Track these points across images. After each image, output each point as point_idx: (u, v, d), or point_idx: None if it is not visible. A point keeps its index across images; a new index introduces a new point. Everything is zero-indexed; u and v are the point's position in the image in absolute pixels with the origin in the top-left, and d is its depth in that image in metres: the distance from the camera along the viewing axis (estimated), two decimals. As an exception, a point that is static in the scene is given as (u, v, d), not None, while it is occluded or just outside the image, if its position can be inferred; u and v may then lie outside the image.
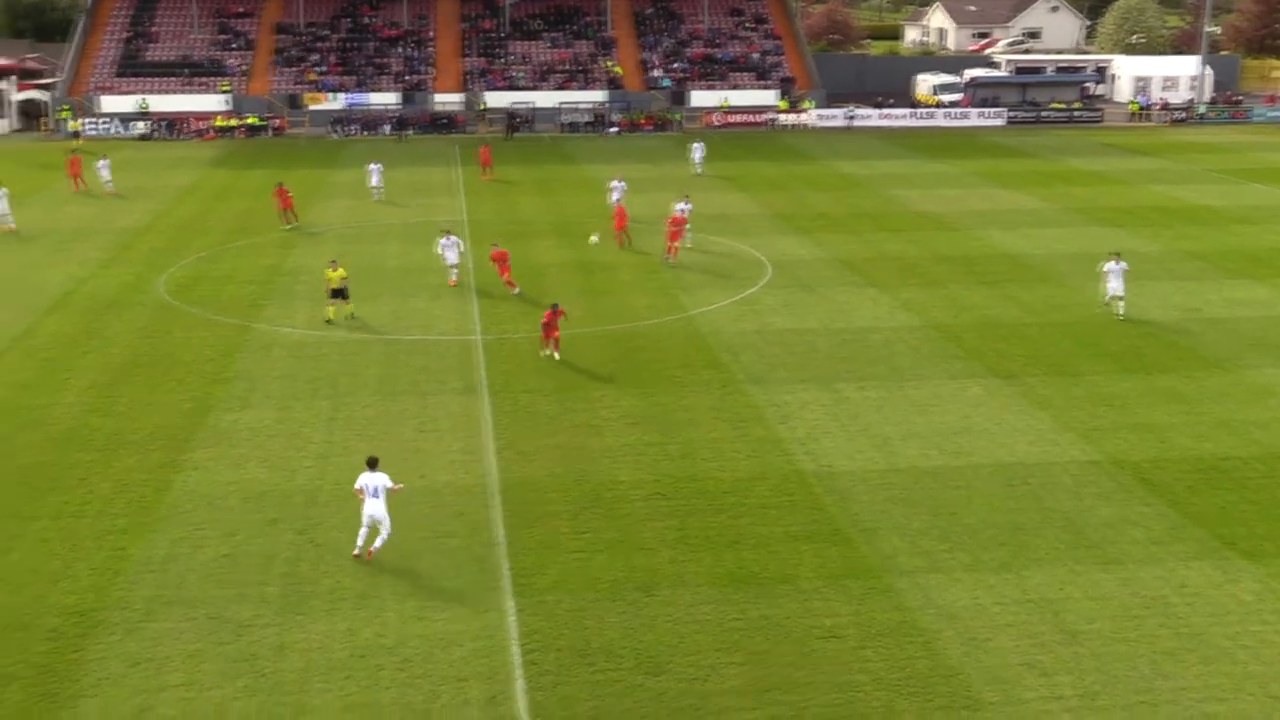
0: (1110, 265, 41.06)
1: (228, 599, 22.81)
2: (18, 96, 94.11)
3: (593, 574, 23.75)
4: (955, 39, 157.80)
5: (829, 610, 22.42)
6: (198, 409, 32.71)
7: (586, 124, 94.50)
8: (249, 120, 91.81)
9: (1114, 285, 40.84)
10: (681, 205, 50.98)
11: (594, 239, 37.93)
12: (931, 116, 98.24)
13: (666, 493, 27.40)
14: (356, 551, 24.19)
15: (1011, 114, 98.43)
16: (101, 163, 66.21)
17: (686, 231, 49.95)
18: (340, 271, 40.36)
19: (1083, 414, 32.30)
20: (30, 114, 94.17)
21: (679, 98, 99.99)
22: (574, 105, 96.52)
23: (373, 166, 64.82)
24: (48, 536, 25.36)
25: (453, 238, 45.31)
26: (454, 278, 44.98)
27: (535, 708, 19.51)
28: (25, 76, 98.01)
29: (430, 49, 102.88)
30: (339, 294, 40.18)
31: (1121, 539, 25.23)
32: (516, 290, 43.57)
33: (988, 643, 21.33)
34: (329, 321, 40.02)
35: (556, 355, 36.25)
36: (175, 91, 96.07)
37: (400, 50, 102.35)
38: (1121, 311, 40.77)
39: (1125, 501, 27.02)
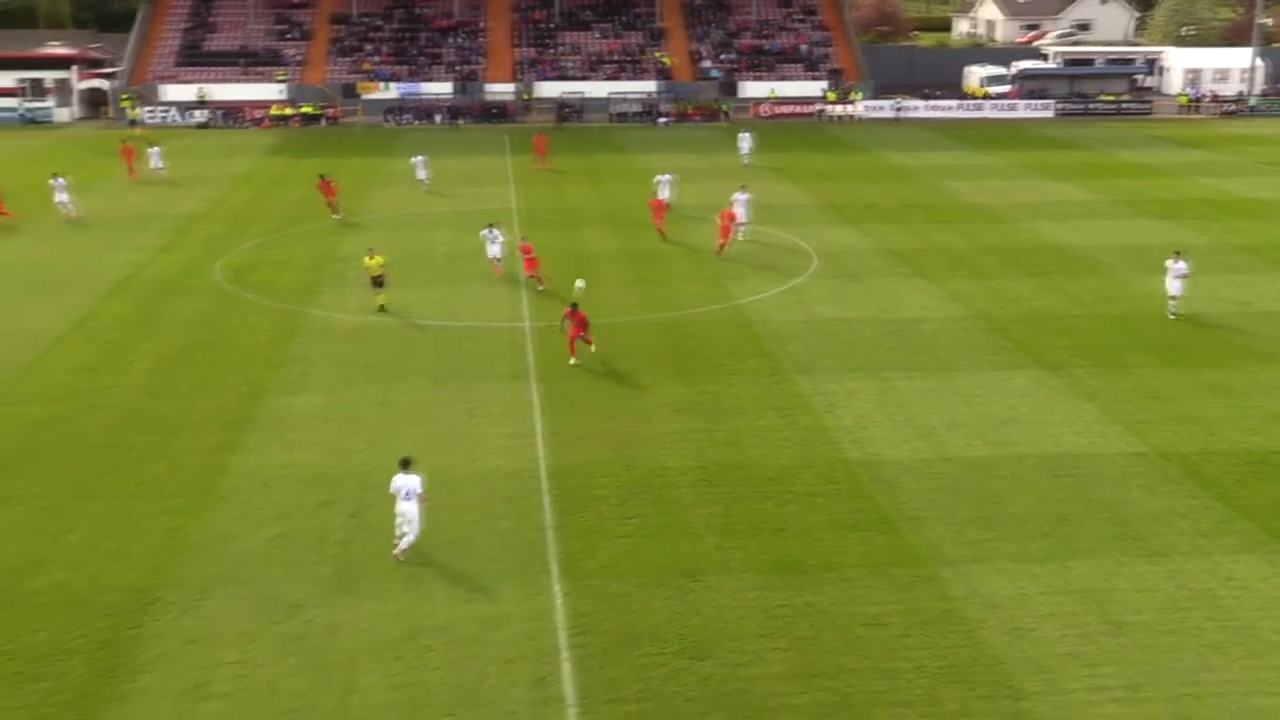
0: (1170, 264, 39.92)
1: (281, 579, 23.23)
2: (81, 85, 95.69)
3: (640, 559, 23.99)
4: (1004, 31, 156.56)
5: (873, 598, 22.55)
6: (253, 393, 33.25)
7: (636, 114, 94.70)
8: (304, 109, 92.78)
9: (1173, 286, 39.67)
10: (739, 195, 50.90)
11: (579, 286, 36.10)
12: (979, 108, 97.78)
13: (713, 479, 27.60)
14: (396, 553, 24.06)
15: (1060, 106, 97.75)
16: (153, 150, 67.53)
17: (739, 228, 49.78)
18: (379, 259, 40.63)
19: (1129, 406, 32.19)
20: (94, 102, 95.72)
21: (728, 88, 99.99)
22: (624, 95, 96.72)
23: (417, 159, 65.16)
24: (107, 516, 25.93)
25: (495, 231, 45.13)
26: (499, 268, 45.01)
27: (582, 690, 19.76)
28: (89, 66, 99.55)
29: (482, 39, 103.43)
30: (378, 282, 40.40)
31: (1168, 531, 25.17)
32: (542, 285, 43.23)
33: (1031, 633, 21.37)
34: (381, 308, 40.46)
35: (592, 348, 35.49)
36: (233, 81, 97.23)
37: (453, 41, 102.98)
38: (1174, 311, 39.82)
39: (1172, 494, 26.94)
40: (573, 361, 34.99)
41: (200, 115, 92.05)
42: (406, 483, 23.81)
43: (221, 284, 44.81)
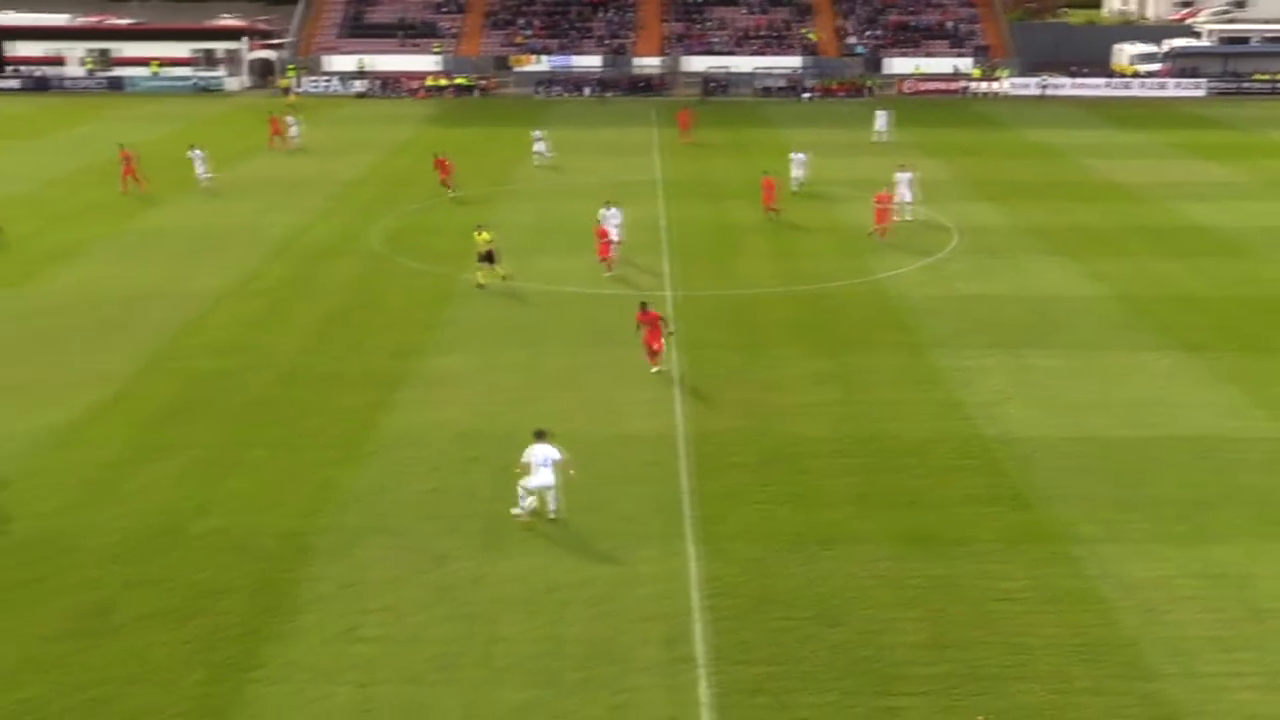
0: None
1: (430, 531, 24.12)
2: (251, 56, 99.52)
3: (774, 525, 24.38)
4: (1157, 8, 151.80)
5: (1006, 573, 22.61)
6: (405, 353, 34.35)
7: (780, 89, 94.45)
8: (458, 80, 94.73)
9: None
10: (900, 174, 50.38)
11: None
12: (1127, 86, 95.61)
13: (848, 451, 27.86)
14: (551, 515, 24.48)
15: (1212, 85, 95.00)
16: (290, 119, 70.37)
17: (902, 208, 49.22)
18: (486, 235, 40.64)
19: (1275, 390, 31.52)
20: (263, 72, 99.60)
21: (873, 64, 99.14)
22: (769, 71, 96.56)
23: (537, 133, 65.56)
24: (265, 465, 27.20)
25: (614, 209, 44.15)
26: (612, 254, 42.50)
27: (713, 650, 20.21)
28: (258, 37, 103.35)
29: (632, 14, 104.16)
30: (487, 258, 40.45)
31: (1313, 518, 24.72)
32: (611, 270, 41.96)
33: (1167, 615, 21.21)
34: (480, 286, 40.40)
35: (660, 368, 32.59)
36: (392, 52, 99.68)
37: (603, 15, 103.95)
38: None
39: (1319, 481, 26.40)
40: (655, 369, 32.74)
41: (360, 85, 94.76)
42: (545, 452, 24.14)
43: (378, 248, 46.20)
